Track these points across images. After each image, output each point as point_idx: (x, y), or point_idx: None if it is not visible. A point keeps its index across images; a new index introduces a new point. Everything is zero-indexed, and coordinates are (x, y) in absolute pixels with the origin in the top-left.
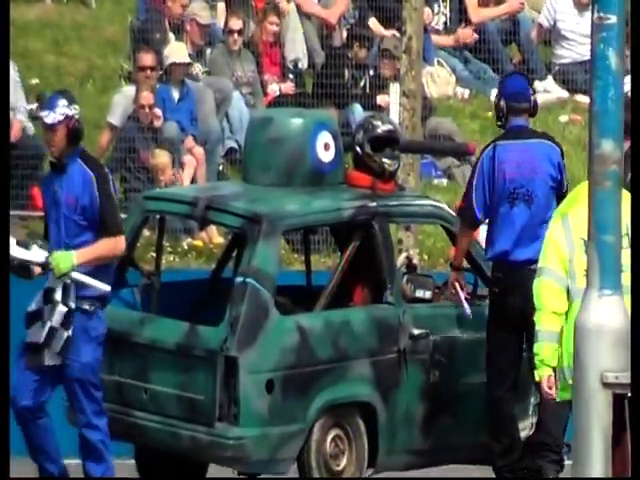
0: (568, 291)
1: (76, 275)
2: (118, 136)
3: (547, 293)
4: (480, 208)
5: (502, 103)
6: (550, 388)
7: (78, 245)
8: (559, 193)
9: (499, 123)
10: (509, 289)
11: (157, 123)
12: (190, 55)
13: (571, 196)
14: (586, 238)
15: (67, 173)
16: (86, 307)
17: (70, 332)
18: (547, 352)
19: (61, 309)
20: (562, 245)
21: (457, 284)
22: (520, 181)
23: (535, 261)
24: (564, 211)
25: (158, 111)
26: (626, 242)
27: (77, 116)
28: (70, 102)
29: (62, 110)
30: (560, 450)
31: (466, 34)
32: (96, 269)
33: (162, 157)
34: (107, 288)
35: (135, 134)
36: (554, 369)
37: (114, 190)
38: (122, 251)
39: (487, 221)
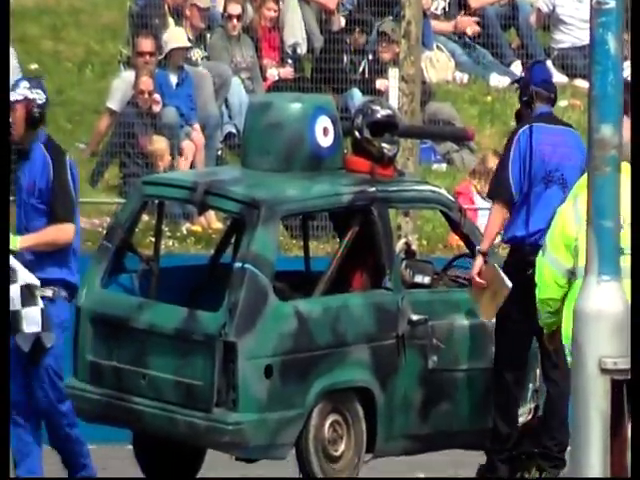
0: (571, 271)
1: (12, 260)
2: (117, 121)
3: (548, 274)
4: (517, 186)
5: (532, 89)
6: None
7: (35, 229)
8: None
9: (526, 109)
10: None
11: (156, 108)
12: (190, 40)
13: (583, 178)
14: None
15: (30, 159)
16: (48, 293)
17: (33, 309)
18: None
19: (14, 290)
20: (569, 224)
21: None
22: (555, 165)
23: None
24: (576, 192)
25: (157, 96)
26: (627, 223)
27: (39, 102)
28: (34, 86)
29: (22, 91)
30: (563, 451)
31: (465, 23)
32: (48, 255)
33: (160, 143)
34: (33, 281)
35: (134, 119)
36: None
37: (72, 179)
38: (70, 239)
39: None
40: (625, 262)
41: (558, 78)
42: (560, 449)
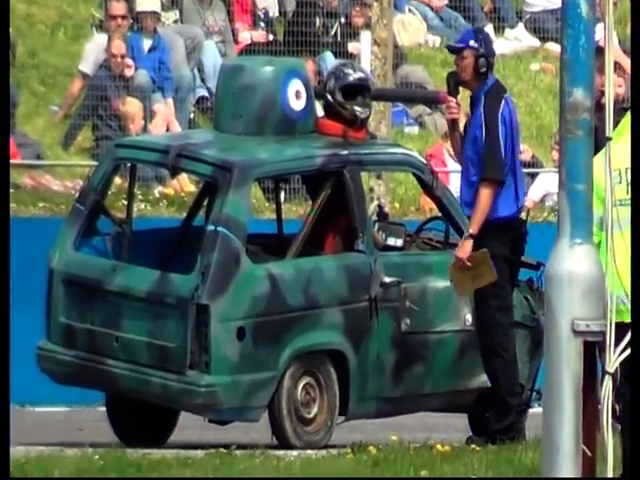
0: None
1: None
2: (89, 84)
3: None
4: (508, 164)
5: (482, 60)
6: None
7: None
8: None
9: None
10: (523, 240)
11: (128, 72)
12: (164, 4)
13: (619, 126)
14: (621, 169)
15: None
16: None
17: None
18: None
19: None
20: (599, 173)
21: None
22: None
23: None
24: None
25: (129, 60)
26: (627, 171)
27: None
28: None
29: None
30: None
31: None
32: None
33: (133, 105)
34: None
35: (106, 82)
36: None
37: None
38: None
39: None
40: (625, 213)
41: (530, 41)
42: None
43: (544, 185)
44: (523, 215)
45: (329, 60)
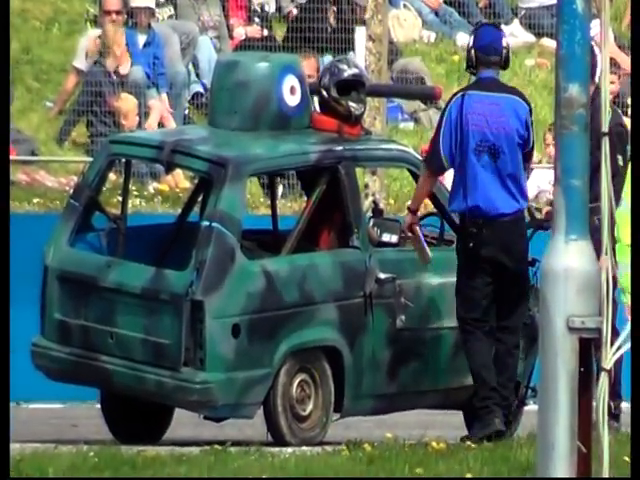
0: None
1: None
2: (84, 80)
3: (622, 224)
4: (447, 156)
5: (472, 54)
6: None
7: None
8: (525, 150)
9: (472, 70)
10: (484, 242)
11: (123, 69)
12: (158, 0)
13: None
14: None
15: None
16: None
17: None
18: (626, 282)
19: None
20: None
21: (415, 227)
22: (487, 134)
23: (508, 214)
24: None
25: (126, 56)
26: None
27: None
28: None
29: None
30: (508, 407)
31: None
32: None
33: (128, 101)
34: None
35: (101, 78)
36: None
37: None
38: None
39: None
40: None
41: (525, 37)
42: (506, 404)
43: (538, 181)
44: (504, 218)
45: (325, 56)
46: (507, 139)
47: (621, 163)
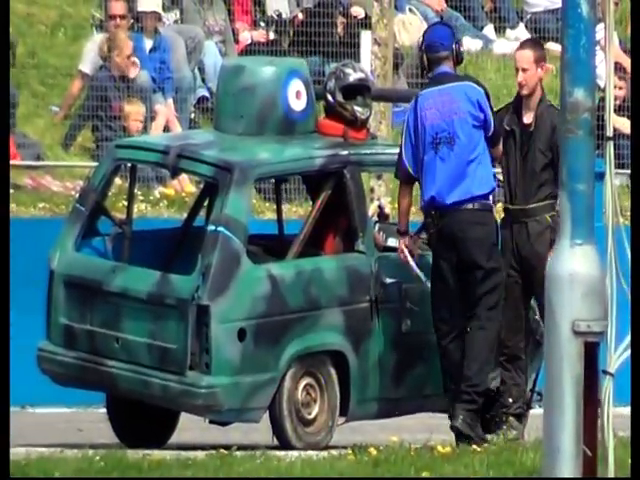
0: None
1: None
2: (89, 85)
3: None
4: (412, 163)
5: (423, 56)
6: None
7: None
8: (487, 134)
9: (428, 74)
10: (442, 235)
11: (132, 72)
12: (164, 4)
13: None
14: None
15: None
16: None
17: None
18: None
19: None
20: None
21: (405, 250)
22: (441, 125)
23: (462, 202)
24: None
25: (135, 60)
26: None
27: None
28: None
29: None
30: (478, 394)
31: None
32: None
33: (135, 106)
34: None
35: (107, 83)
36: None
37: None
38: None
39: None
40: None
41: None
42: (475, 390)
43: None
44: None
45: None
46: (460, 123)
47: None
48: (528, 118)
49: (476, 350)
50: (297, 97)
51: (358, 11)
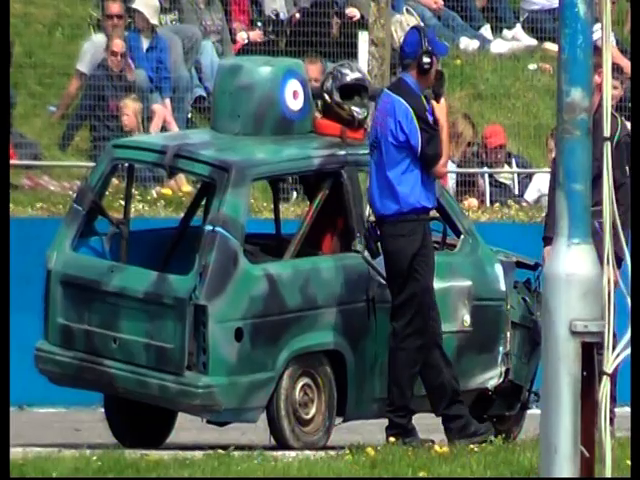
0: None
1: None
2: (87, 84)
3: None
4: None
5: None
6: None
7: None
8: (414, 154)
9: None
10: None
11: (129, 74)
12: (162, 4)
13: None
14: None
15: None
16: None
17: None
18: None
19: None
20: None
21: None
22: (377, 131)
23: (385, 216)
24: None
25: (130, 61)
26: None
27: None
28: None
29: None
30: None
31: None
32: None
33: (133, 105)
34: None
35: (104, 82)
36: None
37: None
38: None
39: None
40: None
41: (528, 41)
42: (398, 415)
43: (539, 185)
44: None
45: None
46: (384, 138)
47: (629, 174)
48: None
49: (396, 373)
50: (294, 97)
51: (353, 12)
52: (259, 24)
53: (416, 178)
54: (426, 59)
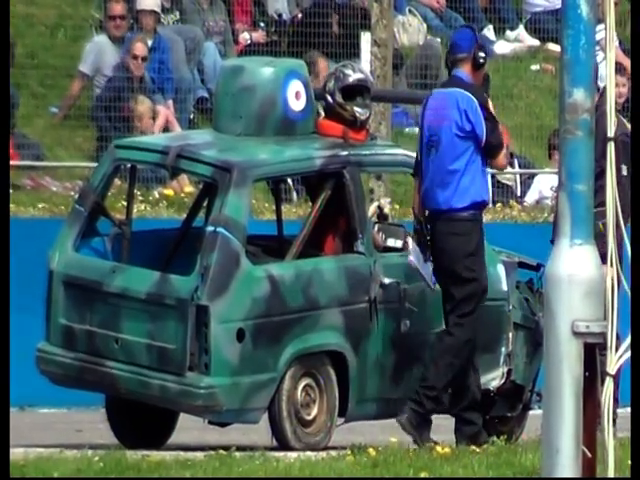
0: None
1: None
2: (89, 85)
3: None
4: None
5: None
6: None
7: None
8: (480, 146)
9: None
10: (431, 237)
11: (138, 72)
12: (164, 4)
13: None
14: None
15: None
16: None
17: None
18: None
19: None
20: None
21: (412, 254)
22: (434, 128)
23: (441, 212)
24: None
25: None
26: None
27: None
28: None
29: None
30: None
31: None
32: None
33: (143, 105)
34: None
35: (118, 84)
36: None
37: None
38: None
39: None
40: None
41: (530, 42)
42: (425, 393)
43: (540, 187)
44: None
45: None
46: (446, 131)
47: (625, 173)
48: None
49: (438, 354)
50: (296, 98)
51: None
52: (261, 25)
53: (477, 169)
54: (482, 53)
